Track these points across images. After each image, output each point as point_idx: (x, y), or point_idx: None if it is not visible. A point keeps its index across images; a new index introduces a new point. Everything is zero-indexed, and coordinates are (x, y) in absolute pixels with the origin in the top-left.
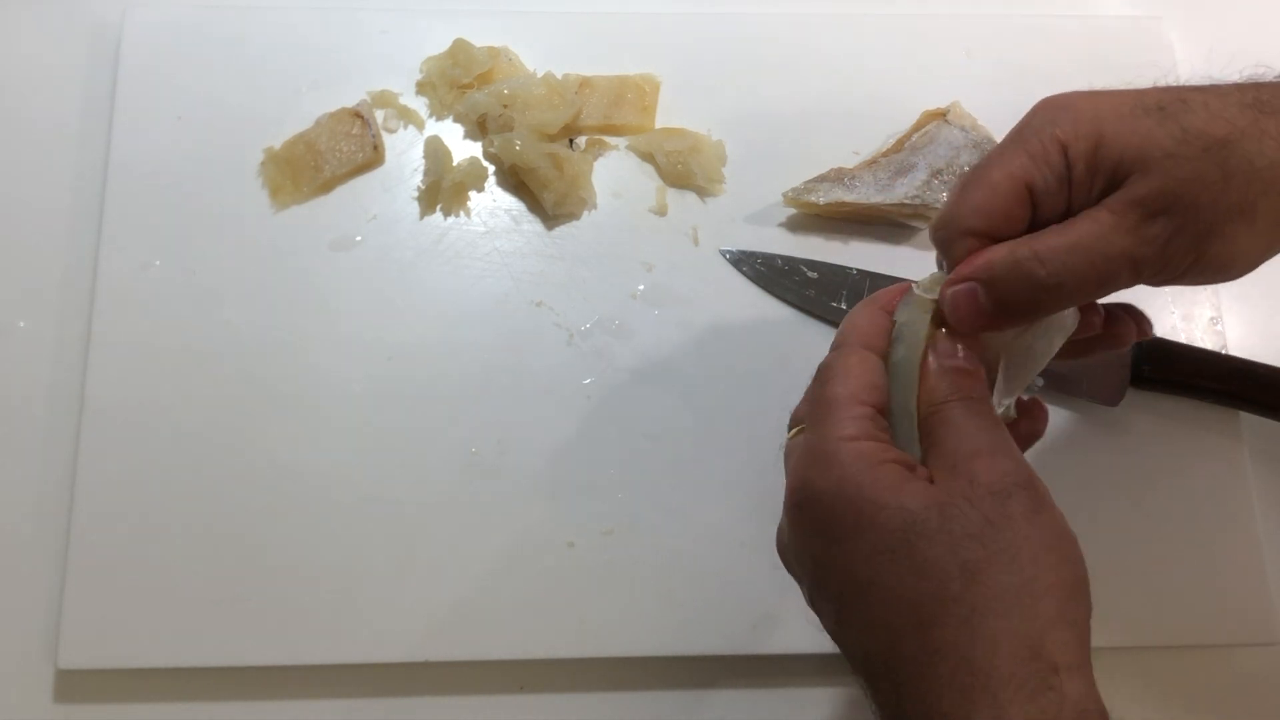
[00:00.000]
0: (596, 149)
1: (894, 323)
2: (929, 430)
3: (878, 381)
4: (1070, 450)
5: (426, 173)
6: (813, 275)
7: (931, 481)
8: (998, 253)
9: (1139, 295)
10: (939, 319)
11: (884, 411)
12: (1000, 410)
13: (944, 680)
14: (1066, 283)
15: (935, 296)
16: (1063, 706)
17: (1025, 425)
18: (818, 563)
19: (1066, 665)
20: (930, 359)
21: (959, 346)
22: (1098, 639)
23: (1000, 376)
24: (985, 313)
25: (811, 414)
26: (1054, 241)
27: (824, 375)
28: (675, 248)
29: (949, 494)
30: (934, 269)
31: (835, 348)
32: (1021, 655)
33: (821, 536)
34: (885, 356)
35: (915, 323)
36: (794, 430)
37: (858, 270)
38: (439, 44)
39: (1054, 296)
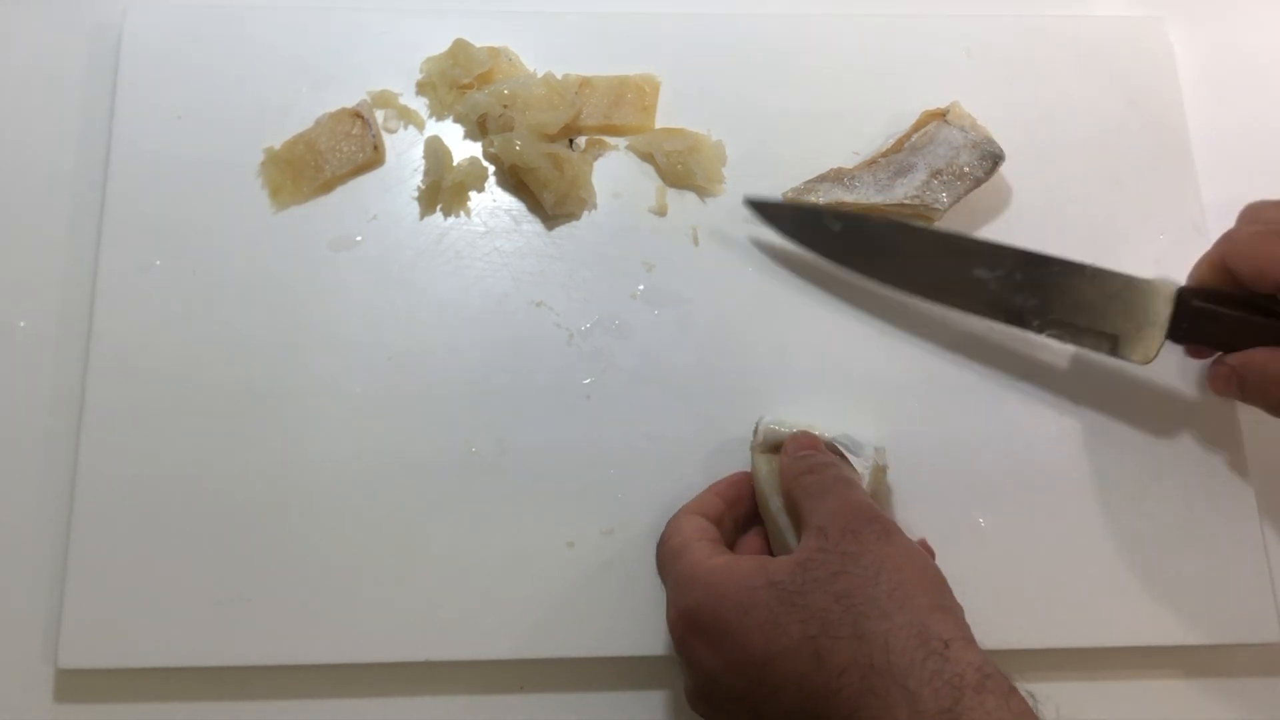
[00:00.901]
0: (596, 149)
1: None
2: (794, 513)
3: (705, 527)
4: (1070, 450)
5: (426, 173)
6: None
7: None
8: (1258, 356)
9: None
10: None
11: (720, 534)
12: (868, 465)
13: (855, 692)
14: None
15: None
16: (964, 672)
17: None
18: (716, 672)
19: (953, 639)
20: (783, 458)
21: (804, 444)
22: (1098, 639)
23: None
24: (1234, 391)
25: (666, 568)
26: None
27: (665, 534)
28: (675, 248)
29: (806, 552)
30: None
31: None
32: (912, 643)
33: (711, 646)
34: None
35: (766, 461)
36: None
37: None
38: (439, 44)
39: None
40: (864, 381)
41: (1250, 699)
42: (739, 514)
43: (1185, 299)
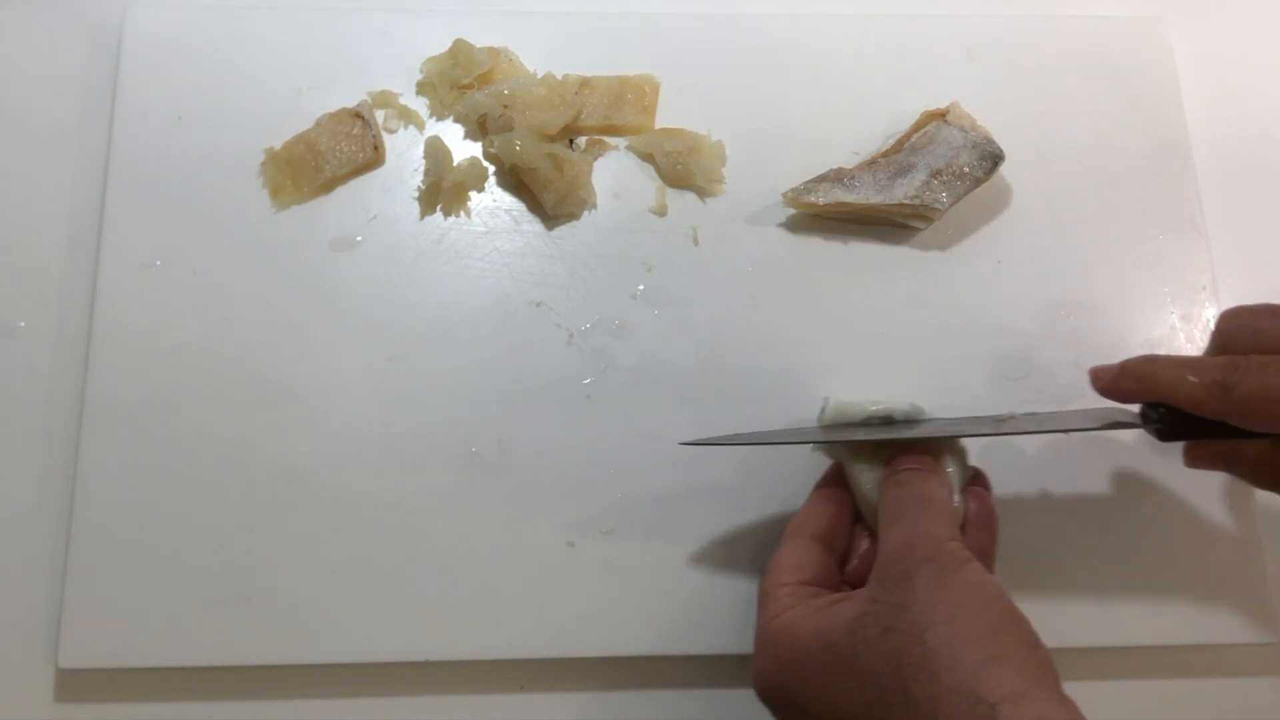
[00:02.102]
0: (596, 149)
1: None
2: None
3: (802, 561)
4: (1070, 450)
5: (427, 173)
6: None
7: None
8: (1249, 455)
9: (1139, 293)
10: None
11: (810, 580)
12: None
13: None
14: None
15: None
16: None
17: (974, 504)
18: None
19: (1004, 698)
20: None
21: (910, 458)
22: (1099, 639)
23: None
24: (1217, 464)
25: (758, 604)
26: None
27: (768, 567)
28: (675, 248)
29: (860, 605)
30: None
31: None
32: (961, 707)
33: (784, 711)
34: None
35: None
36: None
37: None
38: (439, 44)
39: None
40: (864, 381)
41: (1250, 699)
42: (851, 510)
43: (1158, 434)
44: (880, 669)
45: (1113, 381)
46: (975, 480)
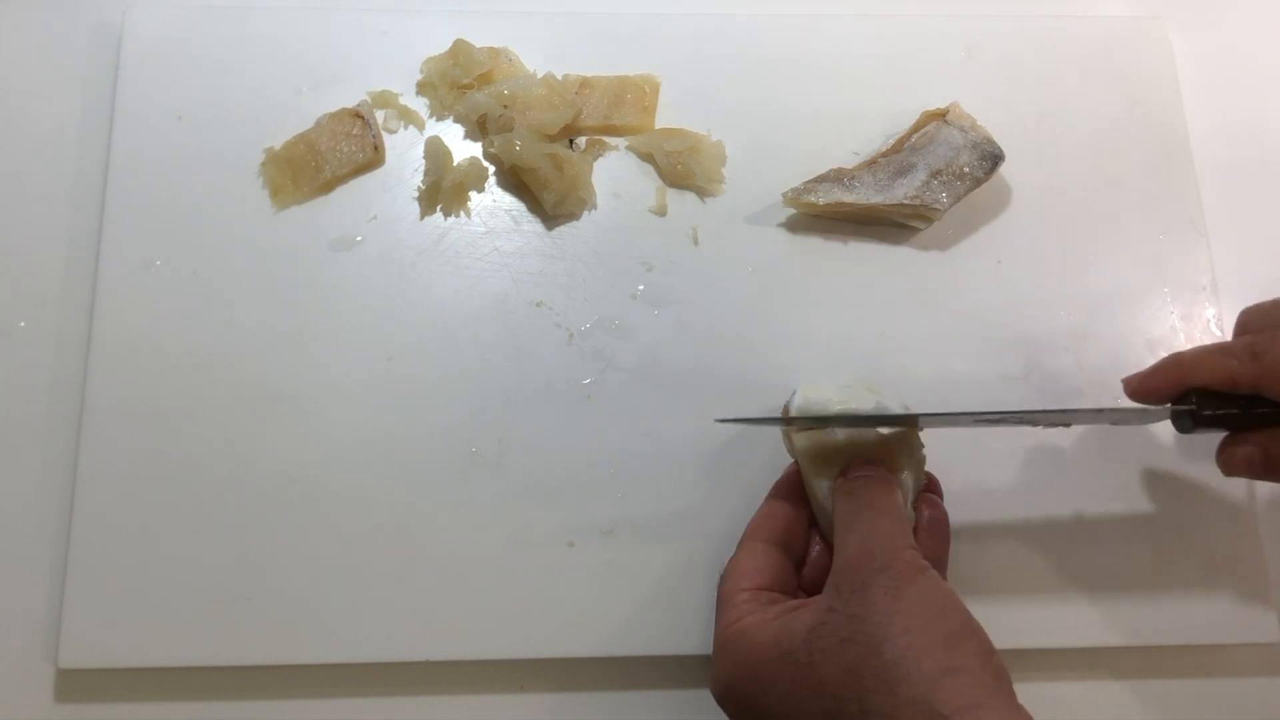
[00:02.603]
0: (596, 149)
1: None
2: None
3: (760, 565)
4: (1070, 450)
5: (427, 173)
6: None
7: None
8: None
9: (1139, 293)
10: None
11: (767, 585)
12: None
13: None
14: None
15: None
16: None
17: (927, 511)
18: None
19: (959, 710)
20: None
21: (859, 464)
22: (1098, 639)
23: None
24: (1255, 469)
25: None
26: None
27: (726, 571)
28: (675, 248)
29: (817, 614)
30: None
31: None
32: (918, 718)
33: (746, 712)
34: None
35: (804, 439)
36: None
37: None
38: (439, 44)
39: None
40: (864, 381)
41: (1250, 699)
42: (808, 514)
43: (1192, 419)
44: (838, 680)
45: (1144, 381)
46: (928, 486)
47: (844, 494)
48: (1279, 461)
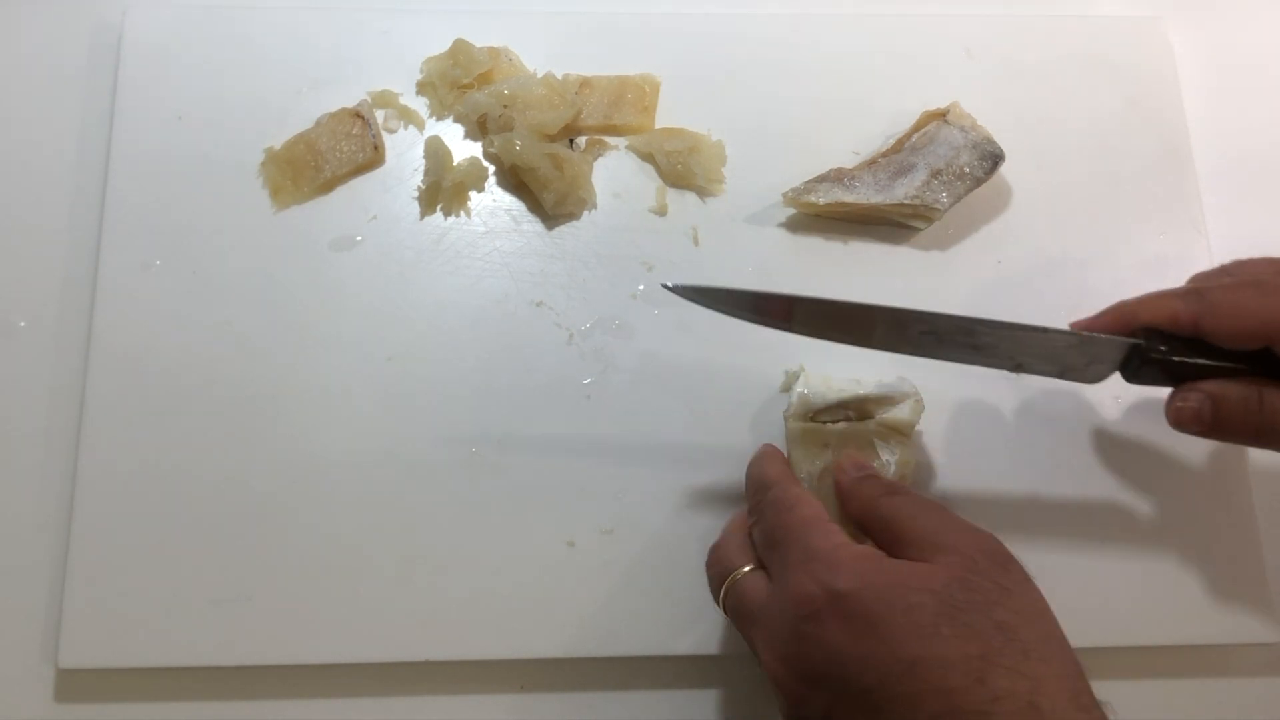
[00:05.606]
0: (596, 149)
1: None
2: (871, 529)
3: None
4: (1070, 450)
5: (427, 173)
6: None
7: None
8: (1232, 388)
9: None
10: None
11: None
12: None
13: (1008, 718)
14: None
15: (807, 421)
16: None
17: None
18: (847, 660)
19: (1100, 703)
20: (841, 476)
21: (859, 460)
22: (1098, 639)
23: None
24: (1204, 423)
25: (789, 535)
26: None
27: (785, 504)
28: (675, 248)
29: (959, 569)
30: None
31: (768, 486)
32: (1064, 695)
33: (852, 634)
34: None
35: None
36: (743, 570)
37: None
38: (439, 44)
39: (1267, 442)
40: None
41: (1250, 699)
42: None
43: (1139, 357)
44: (990, 632)
45: (1092, 322)
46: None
47: (888, 493)
48: (1230, 413)
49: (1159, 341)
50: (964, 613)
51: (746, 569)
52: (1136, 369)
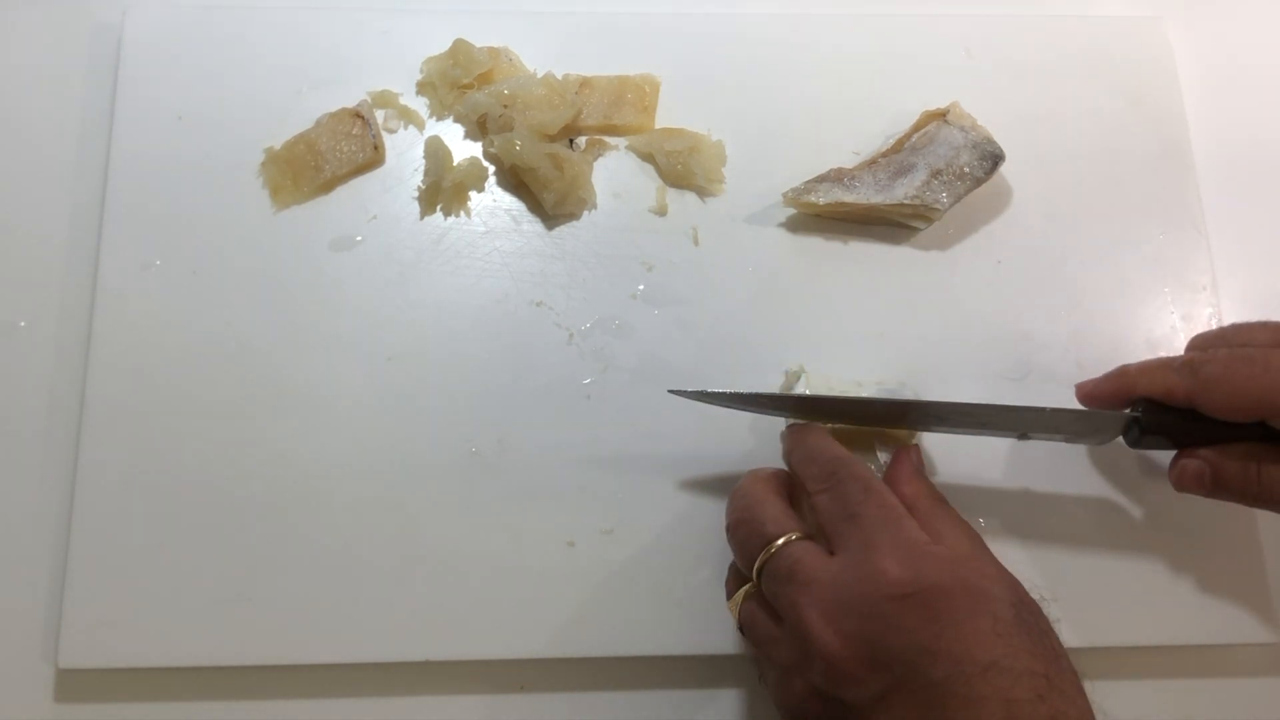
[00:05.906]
0: (596, 149)
1: None
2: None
3: None
4: (1070, 450)
5: (427, 173)
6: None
7: None
8: (1231, 457)
9: (1139, 293)
10: None
11: None
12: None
13: None
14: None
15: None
16: None
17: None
18: (923, 649)
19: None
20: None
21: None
22: (1098, 639)
23: None
24: (1205, 488)
25: (879, 516)
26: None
27: (869, 485)
28: (675, 248)
29: (1019, 590)
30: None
31: (841, 461)
32: None
33: (935, 626)
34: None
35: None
36: (791, 536)
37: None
38: (439, 44)
39: (1264, 506)
40: (864, 381)
41: (1250, 699)
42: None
43: (1139, 428)
44: (1047, 654)
45: (1095, 386)
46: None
47: (927, 497)
48: (1229, 479)
49: (1156, 413)
50: (1034, 632)
51: (794, 536)
52: (1137, 438)
